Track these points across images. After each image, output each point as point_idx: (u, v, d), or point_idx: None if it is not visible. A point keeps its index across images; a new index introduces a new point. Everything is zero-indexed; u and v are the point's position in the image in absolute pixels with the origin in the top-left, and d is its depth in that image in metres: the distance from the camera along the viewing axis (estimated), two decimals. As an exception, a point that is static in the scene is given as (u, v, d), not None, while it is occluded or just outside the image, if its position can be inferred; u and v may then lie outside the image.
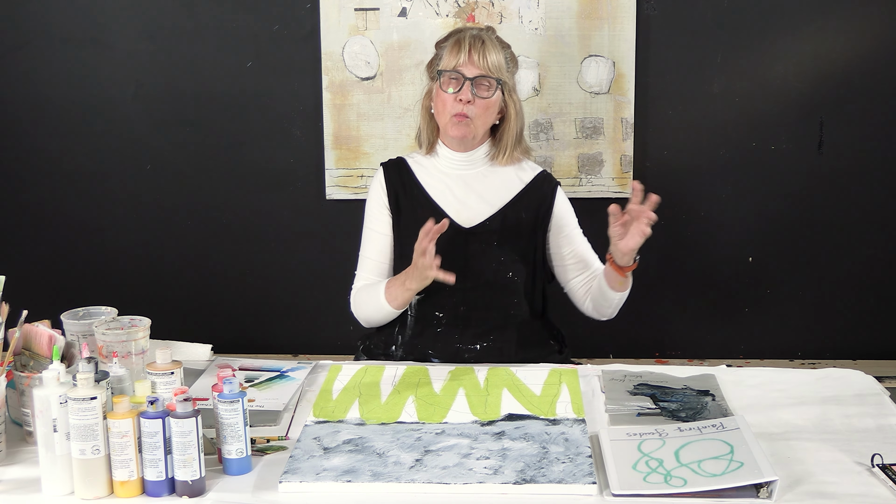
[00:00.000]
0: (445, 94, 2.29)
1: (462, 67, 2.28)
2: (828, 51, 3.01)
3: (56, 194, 3.22)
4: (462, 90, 2.27)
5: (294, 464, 1.71)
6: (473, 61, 2.28)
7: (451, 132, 2.31)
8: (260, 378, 2.13)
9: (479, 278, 2.30)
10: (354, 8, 3.03)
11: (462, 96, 2.27)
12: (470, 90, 2.27)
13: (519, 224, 2.35)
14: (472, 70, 2.28)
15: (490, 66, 2.28)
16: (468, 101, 2.27)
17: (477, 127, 2.31)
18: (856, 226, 3.10)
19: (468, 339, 2.31)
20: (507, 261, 2.32)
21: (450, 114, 2.29)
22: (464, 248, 2.31)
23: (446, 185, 2.37)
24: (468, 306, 2.31)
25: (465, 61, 2.28)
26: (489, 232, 2.33)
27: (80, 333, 1.99)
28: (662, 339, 3.21)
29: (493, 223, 2.34)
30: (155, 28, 3.10)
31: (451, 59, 2.29)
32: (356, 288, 2.40)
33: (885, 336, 3.17)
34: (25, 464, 1.77)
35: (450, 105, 2.29)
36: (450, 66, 2.29)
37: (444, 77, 2.29)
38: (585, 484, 1.64)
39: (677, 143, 3.09)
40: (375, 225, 2.40)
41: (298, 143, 3.14)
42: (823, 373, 2.15)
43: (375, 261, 2.39)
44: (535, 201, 2.37)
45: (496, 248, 2.32)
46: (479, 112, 2.29)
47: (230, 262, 3.23)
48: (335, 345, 3.19)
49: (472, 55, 2.28)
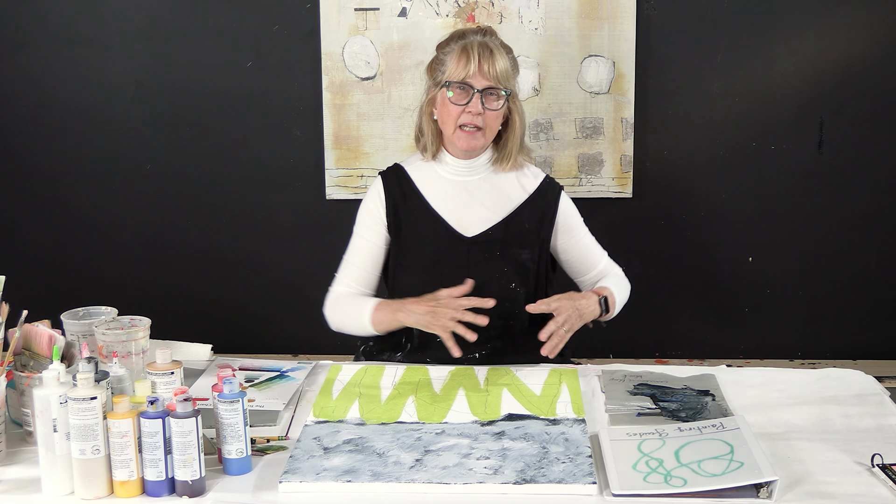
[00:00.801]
0: (453, 106, 2.23)
1: (471, 79, 2.21)
2: (828, 51, 3.01)
3: (56, 194, 3.22)
4: (472, 102, 2.22)
5: (294, 464, 1.71)
6: (483, 72, 2.21)
7: (459, 144, 2.26)
8: (260, 378, 2.13)
9: (481, 289, 2.21)
10: (354, 8, 3.03)
11: (472, 108, 2.22)
12: (480, 102, 2.22)
13: (522, 234, 2.31)
14: (481, 81, 2.22)
15: (499, 76, 2.21)
16: (479, 113, 2.22)
17: (488, 138, 2.27)
18: (856, 226, 3.11)
19: (469, 349, 2.25)
20: (509, 271, 2.29)
21: (457, 124, 2.24)
22: (465, 258, 2.28)
23: (447, 192, 2.33)
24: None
25: (475, 72, 2.21)
26: (491, 241, 2.29)
27: (80, 333, 1.99)
28: (662, 339, 3.21)
29: (495, 233, 2.30)
30: (155, 28, 3.11)
31: (460, 69, 2.22)
32: (335, 291, 2.36)
33: (885, 336, 3.17)
34: (25, 464, 1.76)
35: (456, 115, 2.23)
36: (458, 76, 2.22)
37: (453, 88, 2.23)
38: (585, 484, 1.63)
39: (677, 143, 3.09)
40: (365, 233, 2.34)
41: (298, 143, 3.14)
42: (823, 373, 2.15)
43: (359, 268, 2.34)
44: (538, 211, 2.33)
45: (498, 259, 2.29)
46: (490, 122, 2.25)
47: (230, 262, 3.23)
48: (335, 345, 3.17)
49: (483, 65, 2.21)
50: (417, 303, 2.15)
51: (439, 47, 2.31)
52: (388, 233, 2.33)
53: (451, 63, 2.24)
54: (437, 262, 2.27)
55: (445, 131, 2.28)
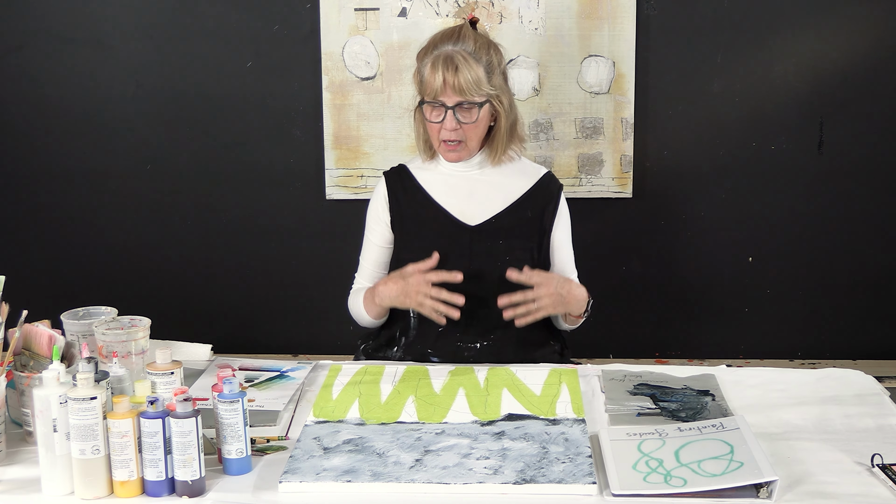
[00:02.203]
0: (430, 123, 2.27)
1: (442, 96, 2.22)
2: (828, 51, 3.01)
3: (56, 194, 3.22)
4: (446, 120, 2.23)
5: (294, 464, 1.71)
6: (451, 87, 2.19)
7: (445, 157, 2.32)
8: (260, 378, 2.13)
9: (483, 277, 2.29)
10: (354, 8, 3.02)
11: (447, 125, 2.24)
12: (454, 119, 2.23)
13: (524, 222, 2.34)
14: (451, 97, 2.21)
15: (467, 88, 2.19)
16: (454, 129, 2.24)
17: (472, 148, 2.31)
18: (856, 226, 3.10)
19: (469, 338, 2.30)
20: (511, 259, 2.31)
21: (439, 140, 2.28)
22: (468, 247, 2.31)
23: (449, 185, 2.36)
24: (471, 305, 2.30)
25: (443, 88, 2.21)
26: (495, 230, 2.32)
27: (80, 333, 1.99)
28: (662, 339, 3.21)
29: (499, 221, 2.33)
30: (155, 28, 3.10)
31: (430, 86, 2.22)
32: (353, 290, 2.45)
33: (885, 336, 3.17)
34: (25, 464, 1.77)
35: (436, 132, 2.27)
36: (430, 94, 2.23)
37: (426, 107, 2.26)
38: (585, 484, 1.64)
39: (677, 143, 3.09)
40: (372, 236, 2.41)
41: (298, 143, 3.14)
42: (823, 373, 2.15)
43: (370, 267, 2.43)
44: (541, 200, 2.36)
45: (501, 247, 2.31)
46: (470, 133, 2.27)
47: (230, 262, 3.23)
48: (335, 345, 3.19)
49: (448, 81, 2.19)
50: (386, 283, 2.24)
51: (418, 57, 2.32)
52: (392, 230, 2.38)
53: (425, 77, 2.25)
54: (439, 250, 2.29)
55: (433, 144, 2.33)
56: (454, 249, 2.29)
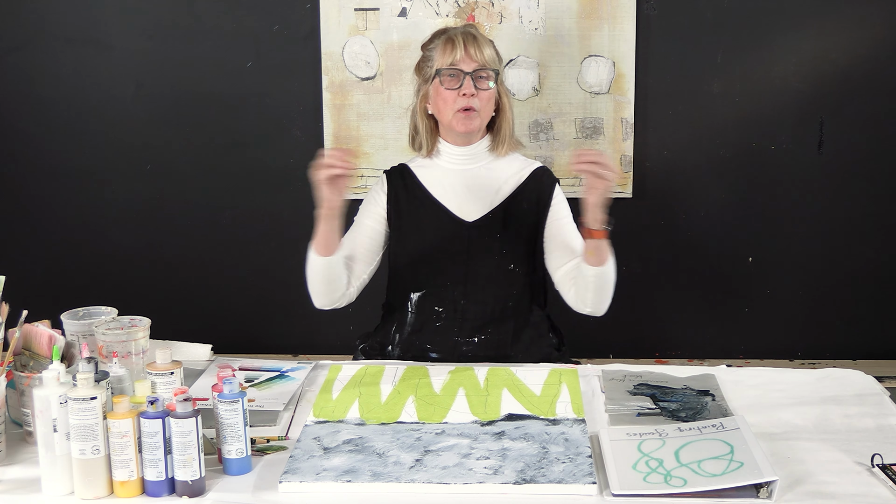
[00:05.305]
0: (447, 92, 2.31)
1: (459, 63, 2.30)
2: (828, 51, 3.01)
3: (56, 194, 3.22)
4: (464, 85, 2.29)
5: (294, 464, 1.71)
6: (470, 55, 2.30)
7: (457, 127, 2.33)
8: (260, 378, 2.13)
9: (481, 271, 2.32)
10: (354, 8, 3.03)
11: (465, 90, 2.29)
12: (472, 83, 2.29)
13: (520, 215, 2.37)
14: (469, 64, 2.30)
15: (486, 59, 2.31)
16: (472, 95, 2.29)
17: (483, 119, 2.34)
18: (855, 226, 3.10)
19: (466, 332, 2.33)
20: (508, 252, 2.34)
21: (453, 110, 2.31)
22: (467, 243, 2.34)
23: (448, 182, 2.39)
24: (469, 300, 2.32)
25: (463, 56, 2.30)
26: (492, 224, 2.35)
27: (80, 333, 1.99)
28: (662, 339, 3.21)
29: (495, 215, 2.36)
30: (155, 28, 3.11)
31: (446, 56, 2.31)
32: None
33: (885, 336, 3.17)
34: (25, 464, 1.77)
35: (451, 101, 2.31)
36: (446, 63, 2.31)
37: (444, 75, 2.30)
38: (585, 484, 1.63)
39: (677, 143, 3.09)
40: (362, 217, 2.42)
41: (298, 143, 3.14)
42: (823, 373, 2.15)
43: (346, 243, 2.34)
44: (535, 192, 2.38)
45: (499, 240, 2.34)
46: (483, 104, 2.32)
47: (230, 262, 3.23)
48: (335, 345, 3.19)
49: (469, 49, 2.30)
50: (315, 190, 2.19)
51: (424, 46, 2.40)
52: (388, 222, 2.40)
53: (437, 55, 2.33)
54: (437, 246, 2.33)
55: (443, 119, 2.35)
56: (453, 246, 2.33)
